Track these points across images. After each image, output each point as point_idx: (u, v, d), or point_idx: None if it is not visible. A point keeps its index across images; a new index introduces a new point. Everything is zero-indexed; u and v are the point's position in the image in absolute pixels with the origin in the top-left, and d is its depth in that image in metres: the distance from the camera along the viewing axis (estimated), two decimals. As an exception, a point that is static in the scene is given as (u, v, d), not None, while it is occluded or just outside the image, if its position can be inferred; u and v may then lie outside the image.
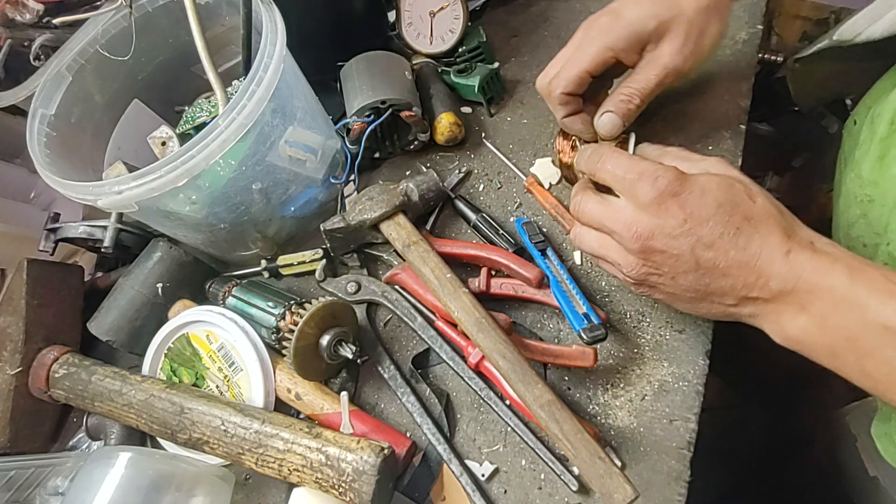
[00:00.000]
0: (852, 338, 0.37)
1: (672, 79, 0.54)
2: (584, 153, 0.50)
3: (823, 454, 0.74)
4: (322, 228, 0.62)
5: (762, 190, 0.43)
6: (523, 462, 0.52)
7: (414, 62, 0.75)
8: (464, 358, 0.56)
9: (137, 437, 0.62)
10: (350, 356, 0.55)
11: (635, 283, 0.46)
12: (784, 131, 1.13)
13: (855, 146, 0.58)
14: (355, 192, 0.69)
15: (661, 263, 0.43)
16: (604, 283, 0.58)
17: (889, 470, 0.57)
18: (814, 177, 0.88)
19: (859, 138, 0.58)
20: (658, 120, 0.66)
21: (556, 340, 0.57)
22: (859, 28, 0.58)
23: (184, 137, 0.68)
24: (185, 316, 0.61)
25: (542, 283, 0.56)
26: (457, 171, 0.69)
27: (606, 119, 0.54)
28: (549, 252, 0.58)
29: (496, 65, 0.75)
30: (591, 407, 0.53)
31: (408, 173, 0.70)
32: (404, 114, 0.66)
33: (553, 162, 0.64)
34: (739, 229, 0.40)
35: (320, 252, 0.65)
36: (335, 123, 0.71)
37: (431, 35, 0.76)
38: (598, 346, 0.54)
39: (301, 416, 0.58)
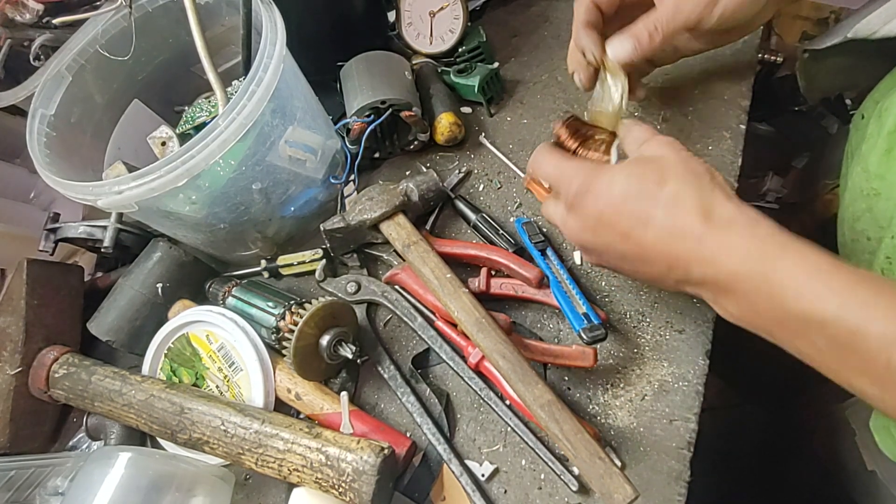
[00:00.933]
0: (780, 321, 0.37)
1: (692, 26, 0.51)
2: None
3: (822, 449, 0.74)
4: (322, 228, 0.62)
5: (685, 169, 0.41)
6: (523, 462, 0.52)
7: (414, 62, 0.75)
8: (464, 358, 0.56)
9: (137, 437, 0.62)
10: (350, 356, 0.55)
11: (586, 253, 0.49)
12: (784, 131, 1.13)
13: (862, 140, 0.58)
14: (355, 192, 0.69)
15: (602, 252, 0.46)
16: (604, 284, 0.58)
17: (887, 464, 0.57)
18: (818, 173, 0.88)
19: (866, 132, 0.58)
20: (659, 121, 0.66)
21: (556, 340, 0.57)
22: (874, 27, 0.58)
23: (184, 137, 0.68)
24: (185, 316, 0.61)
25: (542, 283, 0.56)
26: (457, 171, 0.69)
27: (617, 41, 0.52)
28: (549, 252, 0.58)
29: (496, 65, 0.75)
30: (591, 407, 0.53)
31: (408, 173, 0.70)
32: (404, 114, 0.66)
33: None
34: (648, 219, 0.40)
35: (320, 252, 0.65)
36: (335, 123, 0.71)
37: (431, 35, 0.76)
38: (598, 346, 0.54)
39: (301, 416, 0.58)
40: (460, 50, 0.76)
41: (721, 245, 0.38)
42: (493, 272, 0.59)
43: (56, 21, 0.68)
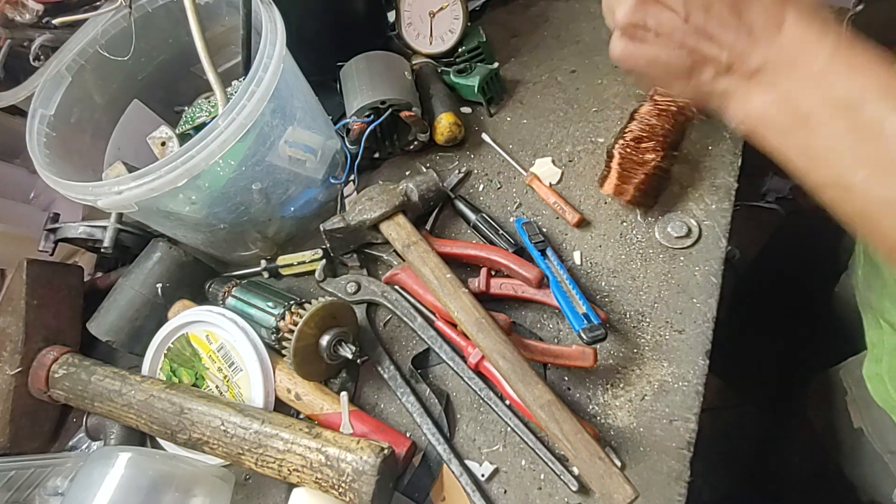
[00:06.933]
0: (808, 113, 0.37)
1: None
2: None
3: (814, 415, 0.76)
4: (322, 228, 0.62)
5: None
6: (523, 462, 0.52)
7: (414, 62, 0.75)
8: (464, 358, 0.56)
9: (137, 437, 0.62)
10: (350, 356, 0.55)
11: (626, 31, 0.41)
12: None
13: None
14: (355, 193, 0.69)
15: (659, 17, 0.39)
16: (604, 284, 0.59)
17: (874, 416, 0.58)
18: None
19: None
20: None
21: (556, 340, 0.57)
22: None
23: (183, 137, 0.68)
24: (185, 316, 0.61)
25: (542, 283, 0.56)
26: (456, 172, 0.69)
27: None
28: (549, 252, 0.58)
29: (496, 65, 0.75)
30: (591, 407, 0.53)
31: (408, 173, 0.70)
32: (404, 114, 0.66)
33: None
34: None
35: (320, 252, 0.65)
36: (335, 123, 0.71)
37: (431, 35, 0.76)
38: (598, 346, 0.54)
39: (301, 416, 0.58)
40: (460, 50, 0.76)
41: (797, 35, 0.37)
42: (493, 272, 0.59)
43: (56, 21, 0.67)
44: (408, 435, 0.55)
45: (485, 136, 0.71)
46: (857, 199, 0.36)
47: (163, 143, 0.69)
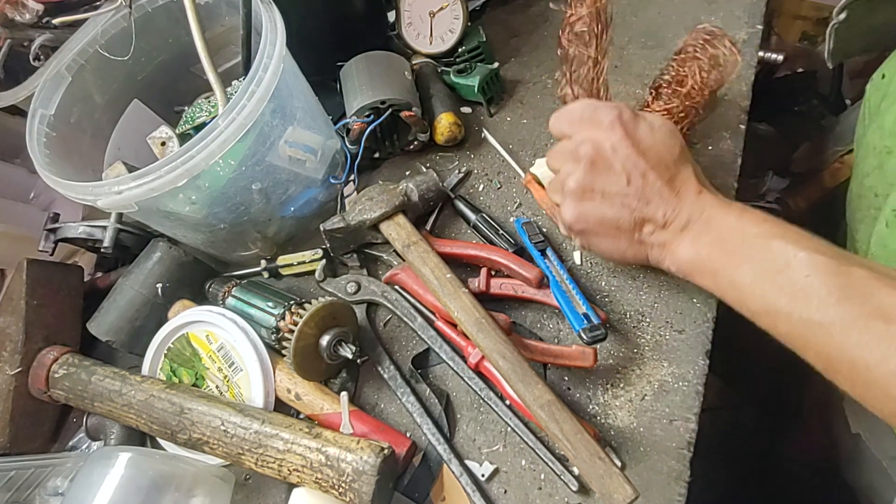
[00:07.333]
0: (730, 255, 0.44)
1: None
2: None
3: (813, 421, 0.76)
4: (322, 228, 0.62)
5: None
6: (523, 462, 0.52)
7: (414, 62, 0.75)
8: (464, 358, 0.56)
9: (137, 437, 0.62)
10: (350, 356, 0.55)
11: (577, 194, 0.49)
12: (784, 131, 1.14)
13: (882, 98, 0.59)
14: (355, 192, 0.69)
15: (606, 183, 0.48)
16: (604, 284, 0.59)
17: (871, 421, 0.59)
18: (828, 142, 0.89)
19: (888, 90, 0.58)
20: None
21: (556, 340, 0.57)
22: None
23: (183, 137, 0.68)
24: (185, 316, 0.61)
25: (542, 283, 0.56)
26: (456, 172, 0.69)
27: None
28: (549, 252, 0.58)
29: (496, 65, 0.75)
30: (591, 407, 0.53)
31: (408, 173, 0.70)
32: (404, 114, 0.66)
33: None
34: (676, 164, 0.48)
35: (320, 252, 0.65)
36: (335, 123, 0.71)
37: (431, 35, 0.76)
38: (598, 346, 0.54)
39: (301, 416, 0.58)
40: (460, 50, 0.76)
41: (711, 199, 0.47)
42: (493, 272, 0.59)
43: (56, 21, 0.67)
44: (408, 435, 0.55)
45: (487, 135, 0.71)
46: (785, 322, 0.41)
47: (163, 143, 0.69)
